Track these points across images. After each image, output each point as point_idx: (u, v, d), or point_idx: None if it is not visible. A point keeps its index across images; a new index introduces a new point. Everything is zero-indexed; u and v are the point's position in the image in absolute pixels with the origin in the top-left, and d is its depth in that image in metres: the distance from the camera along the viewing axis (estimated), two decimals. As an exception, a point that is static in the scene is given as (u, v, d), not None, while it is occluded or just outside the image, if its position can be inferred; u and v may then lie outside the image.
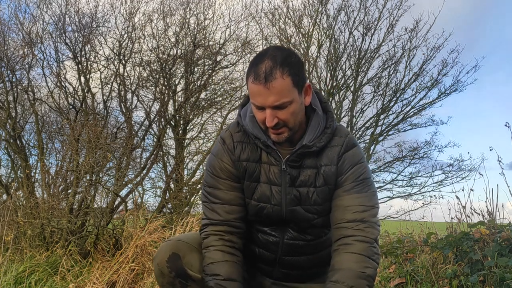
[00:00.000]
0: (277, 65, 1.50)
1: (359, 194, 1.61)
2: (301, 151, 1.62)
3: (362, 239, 1.55)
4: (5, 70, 5.99)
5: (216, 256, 1.61)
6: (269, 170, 1.65)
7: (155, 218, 4.57)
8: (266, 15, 7.91)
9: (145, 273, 3.70)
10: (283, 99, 1.51)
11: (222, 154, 1.68)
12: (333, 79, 8.09)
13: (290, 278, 1.80)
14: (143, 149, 6.46)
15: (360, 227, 1.56)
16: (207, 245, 1.64)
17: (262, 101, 1.52)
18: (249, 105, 1.67)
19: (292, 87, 1.52)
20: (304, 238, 1.71)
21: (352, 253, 1.54)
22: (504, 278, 2.77)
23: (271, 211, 1.66)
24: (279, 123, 1.55)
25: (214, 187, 1.68)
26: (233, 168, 1.67)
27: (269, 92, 1.49)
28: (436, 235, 3.96)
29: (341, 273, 1.52)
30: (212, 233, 1.65)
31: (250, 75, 1.53)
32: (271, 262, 1.77)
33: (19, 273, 3.84)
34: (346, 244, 1.56)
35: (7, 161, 7.02)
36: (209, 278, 1.59)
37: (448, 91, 8.13)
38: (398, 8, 7.82)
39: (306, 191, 1.64)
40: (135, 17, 6.46)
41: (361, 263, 1.52)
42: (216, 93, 7.01)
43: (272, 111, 1.52)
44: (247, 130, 1.66)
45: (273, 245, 1.73)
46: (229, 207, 1.66)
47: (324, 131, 1.65)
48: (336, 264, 1.55)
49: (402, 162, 8.45)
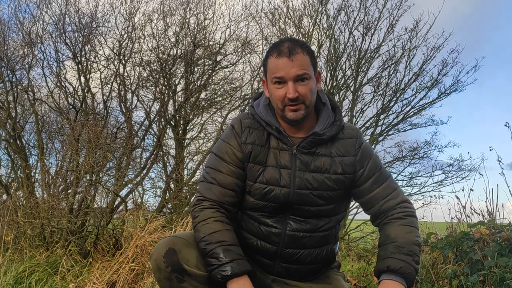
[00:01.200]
0: (298, 44, 1.69)
1: (386, 182, 1.79)
2: (312, 138, 1.72)
3: (410, 214, 1.76)
4: (5, 70, 6.00)
5: (217, 226, 1.65)
6: (279, 155, 1.74)
7: (155, 218, 4.57)
8: (266, 15, 7.91)
9: (145, 273, 3.70)
10: (305, 70, 1.65)
11: (230, 137, 1.77)
12: (333, 79, 8.08)
13: (290, 273, 1.81)
14: (143, 149, 6.47)
15: (403, 206, 1.77)
16: (206, 217, 1.68)
17: (286, 73, 1.64)
18: (261, 98, 1.82)
19: (310, 65, 1.68)
20: (305, 228, 1.75)
21: (405, 225, 1.72)
22: (504, 278, 2.77)
23: (279, 192, 1.71)
24: (298, 98, 1.65)
25: (215, 168, 1.75)
26: (238, 152, 1.74)
27: (293, 64, 1.64)
28: (436, 235, 3.96)
29: (400, 240, 1.69)
30: (209, 206, 1.71)
31: (272, 53, 1.69)
32: (272, 255, 1.78)
33: (19, 273, 3.84)
34: (397, 218, 1.74)
35: (7, 161, 7.03)
36: (214, 245, 1.61)
37: (448, 91, 8.10)
38: (398, 8, 7.80)
39: (321, 177, 1.72)
40: (135, 17, 6.48)
41: (414, 233, 1.72)
42: (216, 93, 7.01)
43: (293, 84, 1.65)
44: (260, 117, 1.76)
45: (275, 236, 1.75)
46: (224, 190, 1.73)
47: (334, 123, 1.77)
48: (392, 233, 1.71)
49: (402, 162, 8.44)
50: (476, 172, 3.68)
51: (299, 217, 1.75)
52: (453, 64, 7.89)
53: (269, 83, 1.72)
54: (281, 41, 1.71)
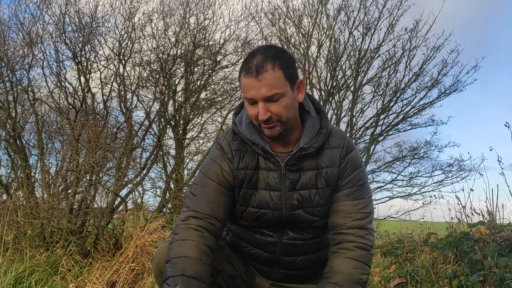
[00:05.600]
0: (268, 59, 1.53)
1: (359, 200, 1.66)
2: (299, 154, 1.63)
3: (362, 246, 1.61)
4: (5, 70, 5.99)
5: (191, 252, 1.54)
6: (267, 176, 1.66)
7: (155, 218, 4.56)
8: (266, 15, 7.91)
9: (145, 273, 3.70)
10: (275, 90, 1.52)
11: (222, 160, 1.69)
12: (333, 79, 8.08)
13: (289, 278, 1.80)
14: (143, 149, 6.46)
15: (360, 234, 1.62)
16: (185, 237, 1.58)
17: (254, 94, 1.53)
18: (243, 112, 1.70)
19: (284, 81, 1.54)
20: (303, 237, 1.72)
21: (352, 259, 1.59)
22: (504, 278, 2.77)
23: (271, 216, 1.67)
24: (271, 118, 1.56)
25: (204, 186, 1.68)
26: (230, 177, 1.67)
27: (261, 84, 1.51)
28: (436, 235, 3.96)
29: (340, 277, 1.57)
30: (194, 227, 1.60)
31: (242, 70, 1.56)
32: (269, 262, 1.77)
33: (19, 273, 3.84)
34: (346, 249, 1.61)
35: (7, 161, 7.03)
36: (176, 272, 1.50)
37: (448, 91, 8.11)
38: (398, 8, 7.81)
39: (308, 193, 1.66)
40: (135, 17, 6.47)
41: (359, 269, 1.59)
42: (216, 93, 7.01)
43: (264, 104, 1.54)
44: (244, 137, 1.66)
45: (271, 245, 1.73)
46: (214, 205, 1.65)
47: (320, 131, 1.66)
48: (335, 267, 1.60)
49: (402, 162, 8.45)
50: (476, 172, 3.67)
51: (296, 230, 1.72)
52: (453, 64, 7.91)
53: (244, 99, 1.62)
54: (252, 54, 1.57)
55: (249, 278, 1.82)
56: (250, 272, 1.83)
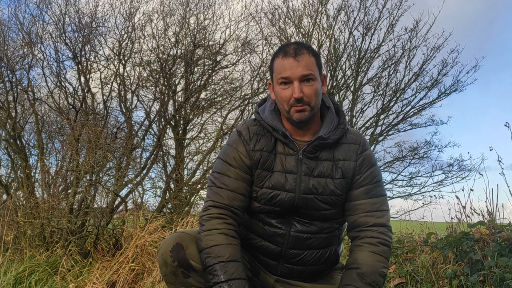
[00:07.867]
0: (304, 46, 1.72)
1: (378, 198, 1.77)
2: (317, 142, 1.73)
3: (384, 242, 1.73)
4: (5, 70, 6.00)
5: (219, 239, 1.65)
6: (285, 160, 1.75)
7: (155, 218, 4.57)
8: (266, 15, 7.90)
9: (145, 273, 3.70)
10: (310, 71, 1.68)
11: (238, 144, 1.77)
12: (333, 79, 8.08)
13: (294, 274, 1.82)
14: (143, 149, 6.46)
15: (382, 231, 1.74)
16: (210, 227, 1.68)
17: (291, 73, 1.67)
18: (267, 104, 1.84)
19: (316, 67, 1.71)
20: (310, 230, 1.77)
21: (375, 253, 1.71)
22: (504, 278, 2.77)
23: (284, 197, 1.73)
24: (303, 99, 1.67)
25: (223, 173, 1.75)
26: (247, 158, 1.75)
27: (298, 64, 1.67)
28: (436, 235, 3.97)
29: (366, 268, 1.68)
30: (216, 216, 1.70)
31: (278, 55, 1.72)
32: (276, 255, 1.80)
33: (19, 273, 3.84)
34: (370, 244, 1.72)
35: (7, 161, 7.04)
36: (213, 261, 1.62)
37: (448, 91, 8.10)
38: (398, 8, 7.79)
39: (324, 181, 1.74)
40: (135, 17, 6.47)
41: (382, 263, 1.71)
42: (216, 93, 7.00)
43: (299, 84, 1.67)
44: (266, 122, 1.77)
45: (279, 237, 1.77)
46: (233, 194, 1.73)
47: (338, 126, 1.78)
48: (360, 259, 1.71)
49: (402, 162, 8.43)
50: (476, 172, 3.68)
51: (303, 219, 1.77)
52: (453, 64, 7.89)
53: (275, 85, 1.74)
54: (287, 44, 1.74)
55: (253, 275, 1.84)
56: (254, 269, 1.85)
